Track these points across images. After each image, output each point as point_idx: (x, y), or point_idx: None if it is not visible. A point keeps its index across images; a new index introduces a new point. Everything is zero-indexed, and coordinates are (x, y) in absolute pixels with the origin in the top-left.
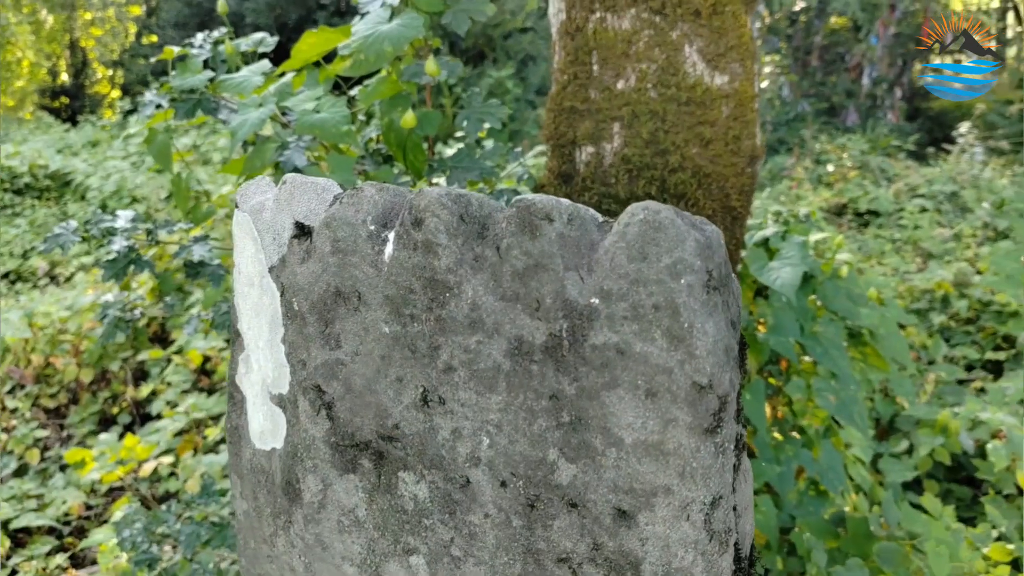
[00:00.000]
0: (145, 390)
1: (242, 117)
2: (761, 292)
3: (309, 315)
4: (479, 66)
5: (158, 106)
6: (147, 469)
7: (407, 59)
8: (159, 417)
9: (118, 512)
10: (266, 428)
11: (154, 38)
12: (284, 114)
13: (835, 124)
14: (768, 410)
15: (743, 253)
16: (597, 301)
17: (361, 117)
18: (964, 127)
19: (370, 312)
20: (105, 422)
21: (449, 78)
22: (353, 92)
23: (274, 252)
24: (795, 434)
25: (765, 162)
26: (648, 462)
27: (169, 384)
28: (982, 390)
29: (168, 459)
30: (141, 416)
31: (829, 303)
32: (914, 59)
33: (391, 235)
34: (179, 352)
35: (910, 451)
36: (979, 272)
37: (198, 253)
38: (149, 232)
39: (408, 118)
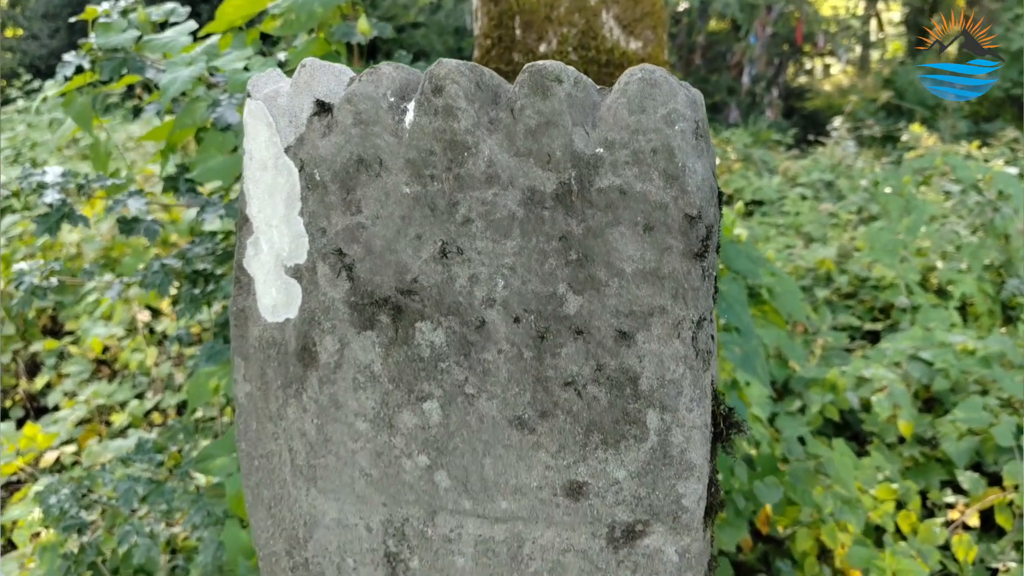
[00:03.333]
0: (40, 382)
1: (172, 75)
2: None
3: (331, 184)
4: (373, 59)
5: (79, 68)
6: (49, 459)
7: (334, 21)
8: (56, 409)
9: (34, 488)
10: (279, 301)
11: (19, 31)
12: (211, 75)
13: (719, 120)
14: None
15: None
16: (602, 150)
17: None
18: (837, 121)
19: (391, 176)
20: None
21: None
22: (280, 56)
23: (291, 133)
24: None
25: None
26: (646, 287)
27: (67, 375)
28: (865, 357)
29: (71, 448)
30: (36, 409)
31: (732, 263)
32: (788, 60)
33: (410, 105)
34: (76, 342)
35: (803, 410)
36: (857, 250)
37: (133, 207)
38: (81, 187)
39: None
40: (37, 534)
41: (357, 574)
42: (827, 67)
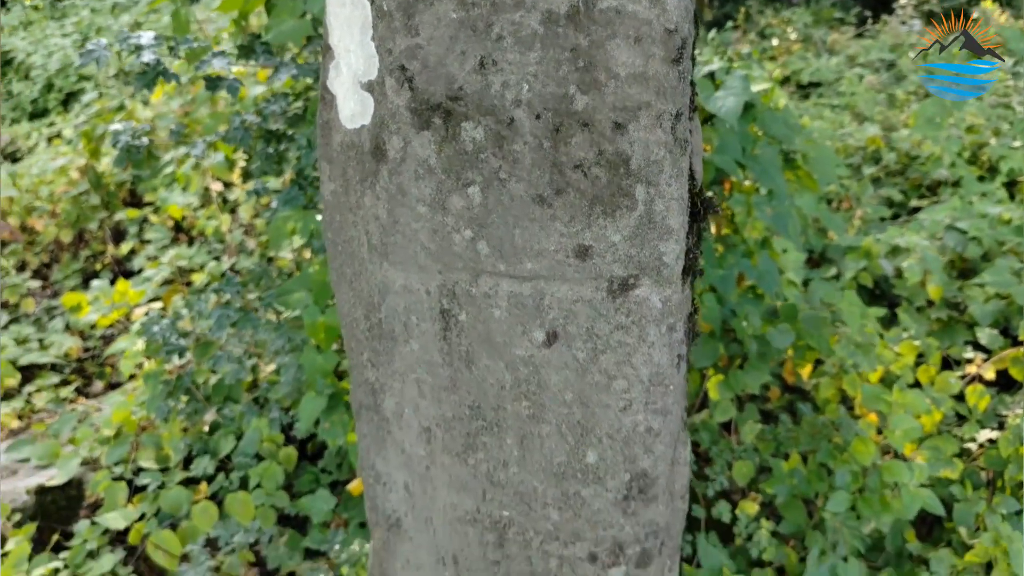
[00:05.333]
0: (125, 248)
1: None
2: (708, 120)
3: (396, 12)
4: None
5: None
6: (138, 314)
7: None
8: (140, 272)
9: (118, 344)
10: (356, 111)
11: None
12: None
13: (780, 0)
14: (713, 227)
15: None
16: None
17: None
18: None
19: (442, 4)
20: (87, 280)
21: None
22: None
23: None
24: (735, 239)
25: (712, 37)
26: (636, 87)
27: (148, 242)
28: (901, 228)
29: (157, 305)
30: (123, 273)
31: (768, 129)
32: None
33: None
34: (155, 212)
35: (838, 277)
36: (906, 126)
37: (217, 66)
38: (171, 48)
39: None
40: (140, 365)
41: (419, 328)
42: None
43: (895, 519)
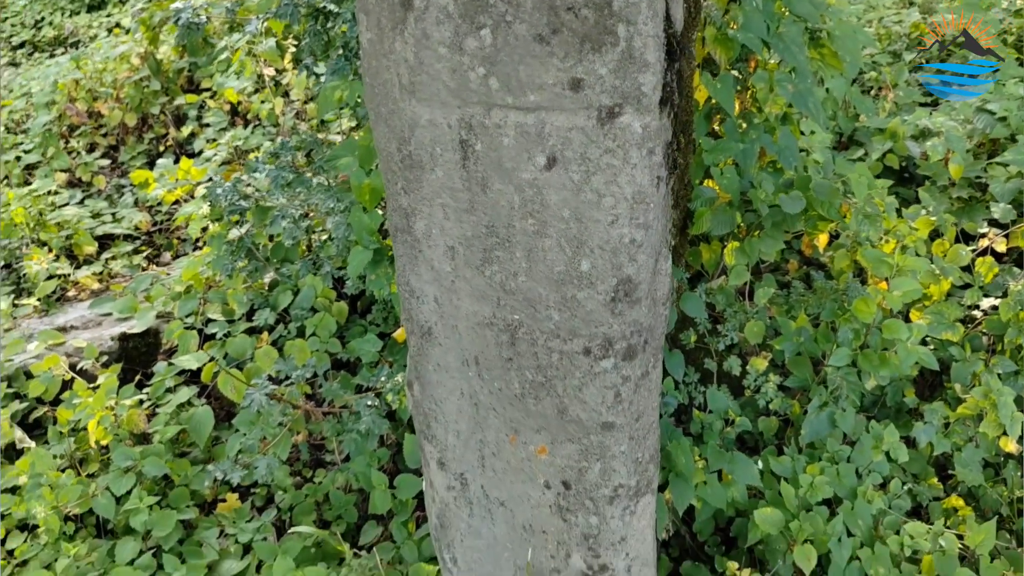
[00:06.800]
0: (185, 131)
1: None
2: None
3: None
4: None
5: None
6: (200, 191)
7: None
8: (201, 153)
9: (186, 208)
10: None
11: None
12: None
13: None
14: (737, 105)
15: None
16: None
17: None
18: None
19: None
20: (151, 161)
21: None
22: None
23: None
24: (757, 117)
25: None
26: None
27: (207, 125)
28: (931, 111)
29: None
30: (184, 154)
31: (793, 7)
32: None
33: None
34: (213, 96)
35: (865, 159)
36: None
37: None
38: None
39: None
40: (205, 229)
41: (443, 158)
42: None
43: (894, 375)
